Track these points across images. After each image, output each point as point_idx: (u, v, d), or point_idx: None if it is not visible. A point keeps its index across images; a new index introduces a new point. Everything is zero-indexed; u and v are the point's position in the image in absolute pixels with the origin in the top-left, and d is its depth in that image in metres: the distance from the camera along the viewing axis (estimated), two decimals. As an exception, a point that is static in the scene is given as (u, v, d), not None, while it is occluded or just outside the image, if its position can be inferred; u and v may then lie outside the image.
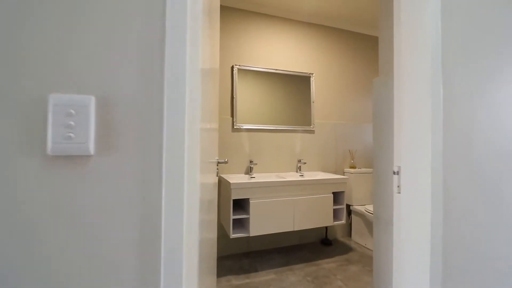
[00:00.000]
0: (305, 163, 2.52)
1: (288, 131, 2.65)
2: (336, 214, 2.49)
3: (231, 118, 2.44)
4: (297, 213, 2.17)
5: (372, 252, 2.47)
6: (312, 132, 2.76)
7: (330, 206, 2.31)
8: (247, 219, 2.07)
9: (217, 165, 1.43)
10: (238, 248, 2.44)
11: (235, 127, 2.43)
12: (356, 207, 2.74)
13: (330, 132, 2.85)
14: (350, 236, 2.94)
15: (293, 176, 2.35)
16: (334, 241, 2.79)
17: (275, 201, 2.09)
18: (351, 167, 2.89)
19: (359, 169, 2.79)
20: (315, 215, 2.24)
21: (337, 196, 2.52)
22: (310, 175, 2.59)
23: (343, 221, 2.41)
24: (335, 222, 2.36)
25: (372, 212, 2.45)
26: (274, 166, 2.58)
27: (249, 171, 2.44)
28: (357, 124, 2.99)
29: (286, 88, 2.65)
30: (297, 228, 2.17)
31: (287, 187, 2.14)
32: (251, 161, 2.41)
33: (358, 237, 2.74)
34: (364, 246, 2.65)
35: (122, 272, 0.55)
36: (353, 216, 2.83)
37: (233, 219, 2.21)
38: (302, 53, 2.75)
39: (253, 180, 2.03)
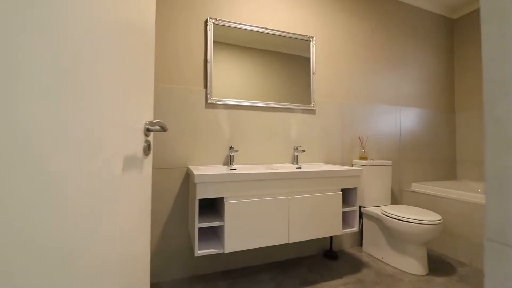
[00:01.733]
0: (303, 151, 1.90)
1: (281, 109, 2.02)
2: (346, 219, 1.87)
3: (204, 90, 1.80)
4: (293, 218, 1.54)
5: (393, 269, 1.85)
6: (312, 112, 2.14)
7: (338, 208, 1.68)
8: (221, 227, 1.43)
9: (147, 133, 0.79)
10: (212, 266, 1.81)
11: (209, 101, 1.79)
12: (369, 209, 2.12)
13: (336, 113, 2.24)
14: (361, 245, 2.33)
15: (287, 168, 1.72)
16: (341, 253, 2.17)
17: (262, 201, 1.46)
18: (361, 158, 2.28)
19: (372, 161, 2.18)
20: (318, 220, 1.62)
21: (347, 195, 1.90)
22: (311, 167, 1.97)
23: (356, 229, 1.79)
24: (345, 230, 1.74)
25: (392, 215, 1.83)
26: (263, 155, 1.95)
27: (229, 161, 1.80)
28: (370, 104, 2.38)
29: (279, 54, 2.03)
30: (293, 240, 1.54)
31: (279, 182, 1.51)
32: (231, 148, 1.78)
33: (372, 248, 2.13)
34: (380, 260, 2.04)
35: None
36: (364, 220, 2.22)
37: (200, 228, 1.58)
38: (300, 9, 2.13)
39: (231, 172, 1.40)
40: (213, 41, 1.82)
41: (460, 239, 2.03)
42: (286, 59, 2.05)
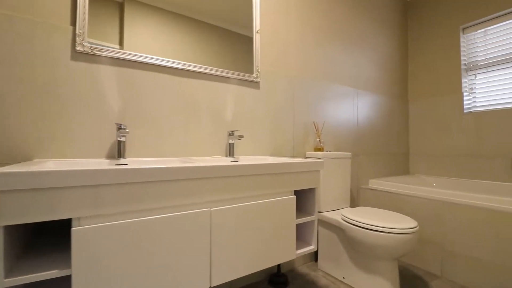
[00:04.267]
0: (241, 136, 1.28)
1: (210, 76, 1.38)
2: (300, 233, 1.33)
3: (71, 29, 1.05)
4: (218, 243, 0.91)
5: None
6: (255, 85, 1.55)
7: (290, 219, 1.12)
8: (67, 280, 0.72)
9: None
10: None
11: (79, 48, 1.05)
12: (326, 215, 1.64)
13: (286, 89, 1.69)
14: (316, 260, 1.84)
15: (216, 162, 1.08)
16: (292, 275, 1.63)
17: (160, 221, 0.79)
18: (316, 149, 1.78)
19: (329, 153, 1.70)
20: (259, 242, 1.03)
21: (300, 199, 1.36)
22: (252, 160, 1.38)
23: (313, 247, 1.25)
24: (300, 251, 1.19)
25: (359, 223, 1.36)
26: (180, 143, 1.28)
27: (117, 151, 1.08)
28: (326, 83, 1.91)
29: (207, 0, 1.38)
30: (218, 281, 0.91)
31: (197, 185, 0.87)
32: (120, 128, 1.05)
33: (330, 265, 1.64)
34: (341, 281, 1.56)
35: None
36: (320, 229, 1.73)
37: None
38: None
39: (110, 167, 0.70)
40: (90, -51, 1.08)
41: (429, 245, 1.69)
42: (216, 5, 1.41)
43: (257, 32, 1.54)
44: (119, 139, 1.07)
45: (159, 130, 1.22)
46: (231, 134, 1.36)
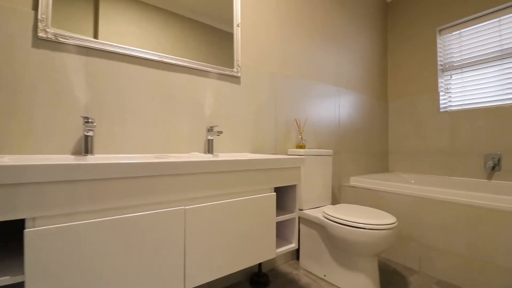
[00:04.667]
0: (220, 132, 1.23)
1: (189, 70, 1.32)
2: (280, 231, 1.30)
3: (32, 13, 0.96)
4: (193, 243, 0.86)
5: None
6: (235, 80, 1.51)
7: (270, 217, 1.09)
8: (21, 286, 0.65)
9: None
10: None
11: (40, 35, 0.96)
12: (308, 212, 1.62)
13: (268, 85, 1.66)
14: (298, 258, 1.82)
15: (194, 158, 1.03)
16: (273, 274, 1.61)
17: (128, 220, 0.74)
18: (298, 147, 1.77)
19: (311, 150, 1.69)
20: (238, 242, 0.99)
21: (281, 196, 1.33)
22: (231, 157, 1.33)
23: (294, 245, 1.23)
24: (280, 250, 1.16)
25: (339, 220, 1.35)
26: (155, 139, 1.21)
27: (84, 147, 1.00)
28: (309, 80, 1.90)
29: (186, -13, 1.32)
30: (192, 284, 0.86)
31: (172, 180, 0.81)
32: (87, 121, 0.98)
33: (312, 263, 1.63)
34: (322, 279, 1.55)
35: None
36: (302, 227, 1.71)
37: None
38: None
39: (69, 162, 0.64)
40: None
41: (407, 240, 1.71)
42: (200, 1, 1.36)
43: (237, 26, 1.50)
44: (86, 133, 0.99)
45: (133, 126, 1.15)
46: (210, 130, 1.32)
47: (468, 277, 1.44)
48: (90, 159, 0.89)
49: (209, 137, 1.31)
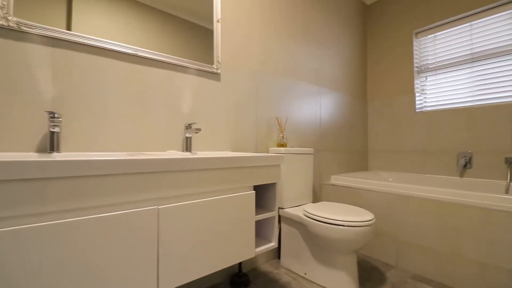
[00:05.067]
0: (198, 130, 1.20)
1: (166, 65, 1.28)
2: (260, 230, 1.29)
3: (-11, -1, 0.88)
4: (167, 245, 0.83)
5: (321, 293, 1.38)
6: (215, 77, 1.48)
7: (250, 216, 1.07)
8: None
9: None
10: None
11: (0, 23, 0.89)
12: (289, 211, 1.62)
13: (248, 83, 1.64)
14: (279, 257, 1.81)
15: (169, 155, 0.99)
16: (254, 274, 1.59)
17: (96, 221, 0.69)
18: (279, 145, 1.76)
19: (292, 148, 1.69)
20: (215, 242, 0.96)
21: (261, 195, 1.32)
22: (209, 155, 1.30)
23: (274, 243, 1.22)
24: (259, 249, 1.14)
25: (319, 217, 1.36)
26: (130, 136, 1.16)
27: (49, 144, 0.94)
28: (290, 79, 1.90)
29: (163, -20, 1.28)
30: (167, 287, 0.83)
31: (144, 178, 0.77)
32: (53, 117, 0.91)
33: (293, 262, 1.63)
34: (303, 277, 1.55)
35: None
36: (283, 226, 1.71)
37: None
38: None
39: (29, 158, 0.58)
40: None
41: (385, 237, 1.76)
42: (174, -11, 1.31)
43: (218, 21, 1.47)
44: (51, 129, 0.92)
45: (105, 122, 1.09)
46: (188, 127, 1.28)
47: (440, 270, 1.49)
48: (56, 157, 0.83)
49: (187, 135, 1.28)
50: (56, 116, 0.91)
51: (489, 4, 1.97)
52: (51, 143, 0.93)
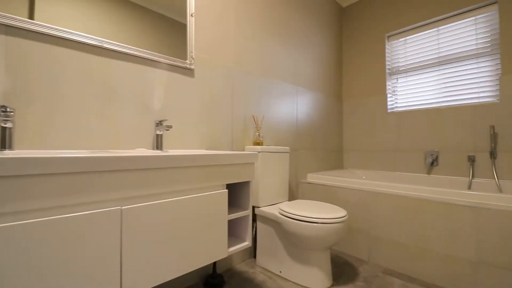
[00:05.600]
0: (169, 127, 1.15)
1: (135, 59, 1.22)
2: (233, 230, 1.27)
3: None
4: (132, 246, 0.78)
5: (292, 286, 1.39)
6: (189, 73, 1.44)
7: (222, 215, 1.05)
8: None
9: None
10: None
11: None
12: (264, 210, 1.61)
13: (224, 80, 1.62)
14: (254, 256, 1.80)
15: (138, 153, 0.94)
16: (229, 274, 1.57)
17: (50, 223, 0.63)
18: (255, 143, 1.75)
19: (268, 147, 1.69)
20: (186, 242, 0.93)
21: (234, 193, 1.30)
22: (180, 152, 1.26)
23: (248, 243, 1.20)
24: (232, 249, 1.12)
25: (293, 215, 1.37)
26: (93, 133, 1.09)
27: (0, 140, 0.85)
28: (266, 78, 1.89)
29: (133, -31, 1.21)
30: (130, 292, 0.79)
31: (105, 177, 0.72)
32: (5, 111, 0.83)
33: (268, 260, 1.63)
34: (278, 275, 1.55)
35: None
36: (259, 225, 1.70)
37: None
38: None
39: None
40: None
41: (358, 233, 1.80)
42: (145, -20, 1.25)
43: (191, 15, 1.42)
44: (3, 125, 0.84)
45: (65, 117, 1.02)
46: (159, 124, 1.23)
47: (409, 264, 1.55)
48: (8, 154, 0.76)
49: (158, 132, 1.22)
50: (8, 110, 0.84)
51: (455, 11, 2.08)
52: (3, 140, 0.85)
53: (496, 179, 1.79)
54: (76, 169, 0.66)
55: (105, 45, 1.11)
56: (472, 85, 2.01)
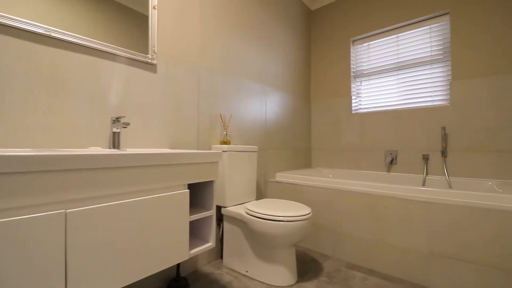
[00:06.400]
0: (127, 125, 1.09)
1: (88, 50, 1.13)
2: (196, 231, 1.23)
3: None
4: (78, 253, 0.72)
5: (258, 285, 1.39)
6: (151, 68, 1.37)
7: (183, 217, 1.01)
8: None
9: None
10: None
11: None
12: (231, 209, 1.60)
13: (190, 77, 1.57)
14: (221, 257, 1.78)
15: (89, 152, 0.87)
16: (194, 277, 1.52)
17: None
18: (222, 142, 1.73)
19: (235, 145, 1.67)
20: (142, 246, 0.88)
21: (197, 193, 1.26)
22: (138, 151, 1.20)
23: (211, 243, 1.18)
24: (194, 251, 1.09)
25: (258, 214, 1.36)
26: (39, 131, 0.99)
27: None
28: (234, 76, 1.87)
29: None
30: (75, 302, 0.72)
31: (47, 178, 0.65)
32: None
33: (235, 260, 1.61)
34: (245, 275, 1.54)
35: None
36: (226, 225, 1.67)
37: None
38: None
39: None
40: None
41: (324, 229, 1.85)
42: (101, -34, 1.17)
43: (154, 8, 1.36)
44: None
45: (5, 114, 0.91)
46: (116, 121, 1.15)
47: (369, 257, 1.63)
48: None
49: (115, 130, 1.15)
50: None
51: (412, 19, 2.22)
52: None
53: (447, 176, 1.94)
54: (11, 169, 0.59)
55: (53, 34, 1.01)
56: (427, 89, 2.17)
